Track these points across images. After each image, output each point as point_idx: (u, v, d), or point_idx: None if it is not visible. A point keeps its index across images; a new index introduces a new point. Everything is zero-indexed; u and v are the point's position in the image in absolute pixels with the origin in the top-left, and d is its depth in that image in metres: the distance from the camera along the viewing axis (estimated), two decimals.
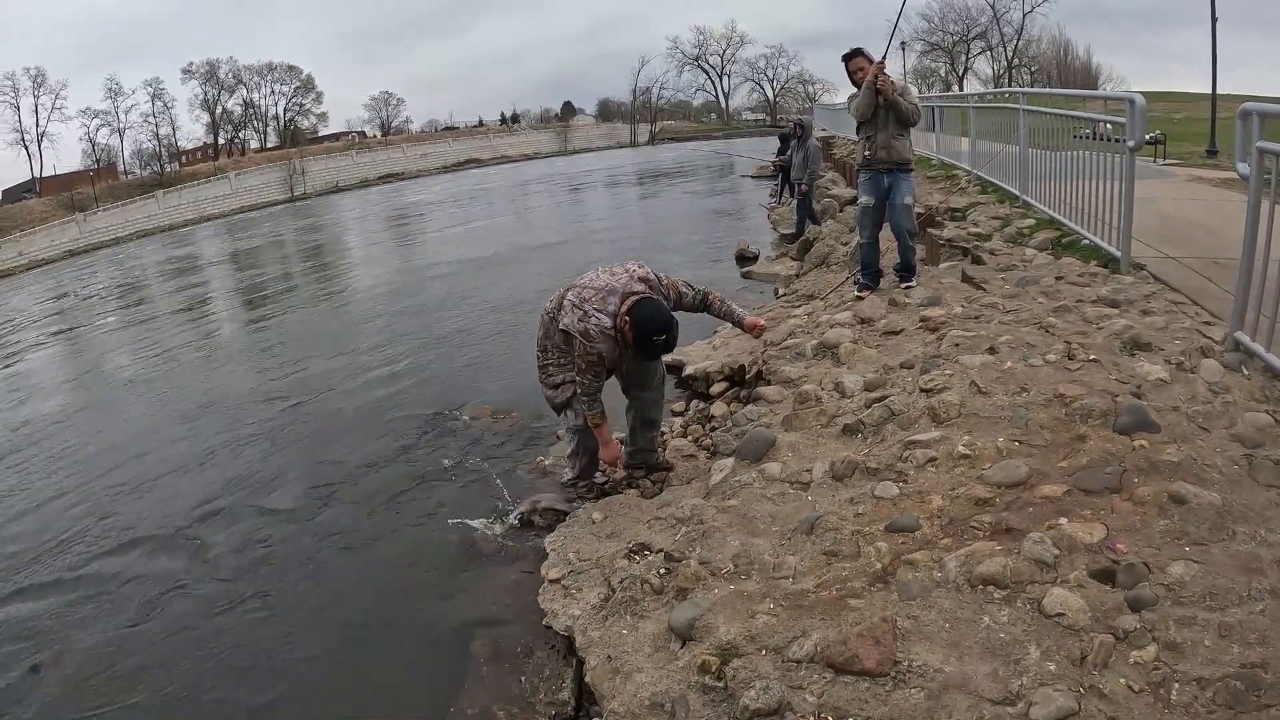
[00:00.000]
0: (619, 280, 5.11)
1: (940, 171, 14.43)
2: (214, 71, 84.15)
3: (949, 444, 4.26)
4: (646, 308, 4.95)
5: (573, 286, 5.27)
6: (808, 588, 3.59)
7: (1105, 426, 4.11)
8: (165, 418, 10.08)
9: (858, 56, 7.17)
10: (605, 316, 5.00)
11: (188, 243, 41.78)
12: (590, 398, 5.23)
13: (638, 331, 4.91)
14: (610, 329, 5.00)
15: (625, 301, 5.00)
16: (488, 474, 6.85)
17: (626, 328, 4.95)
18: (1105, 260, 7.20)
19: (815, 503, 4.32)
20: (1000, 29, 77.56)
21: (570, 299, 5.16)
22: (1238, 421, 4.17)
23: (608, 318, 5.00)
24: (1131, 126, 6.68)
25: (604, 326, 5.00)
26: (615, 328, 5.00)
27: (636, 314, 4.92)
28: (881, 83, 6.95)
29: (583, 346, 5.04)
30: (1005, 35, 77.71)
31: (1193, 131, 22.97)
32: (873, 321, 6.52)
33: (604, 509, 5.37)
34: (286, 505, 6.89)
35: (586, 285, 5.18)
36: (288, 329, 14.68)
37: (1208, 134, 21.04)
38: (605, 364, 5.15)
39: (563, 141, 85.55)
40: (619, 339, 5.03)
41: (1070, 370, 4.70)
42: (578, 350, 5.10)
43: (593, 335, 5.00)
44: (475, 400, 8.72)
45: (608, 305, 5.02)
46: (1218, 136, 20.56)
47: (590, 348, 5.02)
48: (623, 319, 4.96)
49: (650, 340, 4.92)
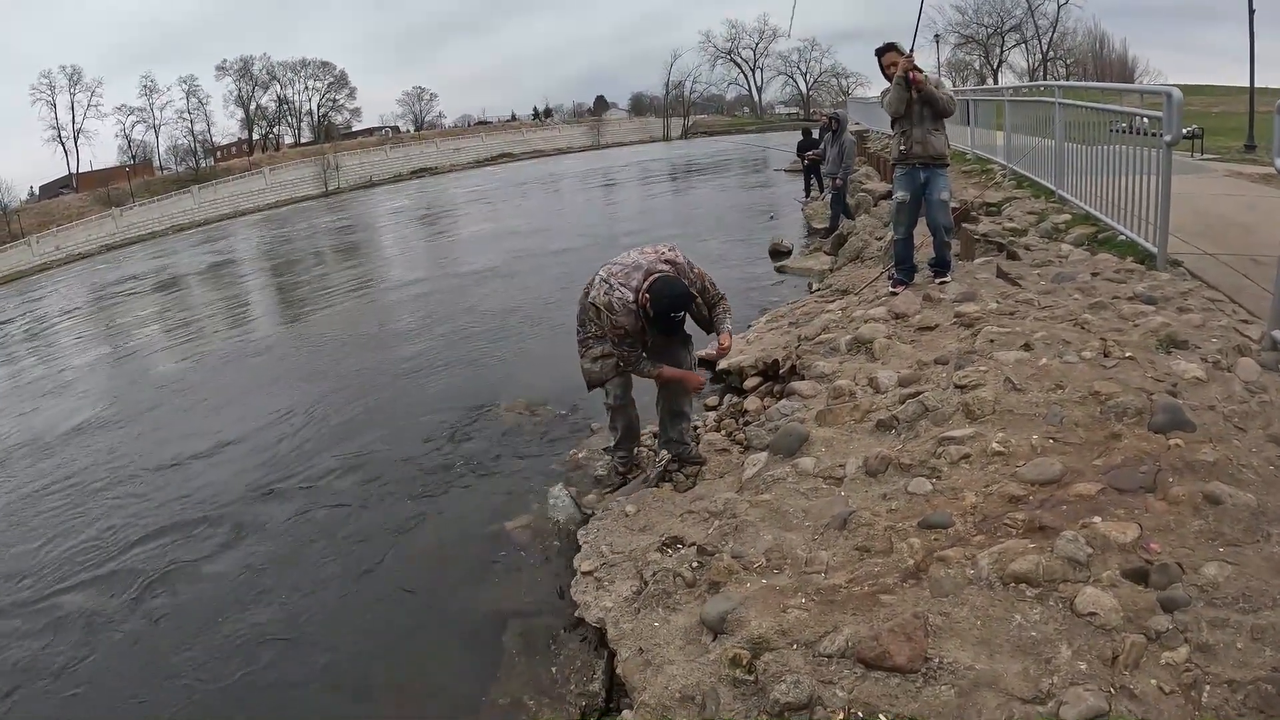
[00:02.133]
0: (646, 258, 5.27)
1: (975, 166, 14.32)
2: (248, 68, 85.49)
3: (983, 441, 4.26)
4: (664, 284, 5.08)
5: (607, 264, 5.42)
6: (840, 583, 3.60)
7: (1140, 425, 4.09)
8: (203, 409, 10.30)
9: (890, 51, 7.11)
10: (628, 291, 5.14)
11: (225, 237, 42.23)
12: (637, 362, 5.39)
13: (656, 307, 5.04)
14: (632, 303, 5.13)
15: (648, 279, 5.13)
16: (523, 468, 6.90)
17: (646, 304, 5.08)
18: (1141, 256, 7.14)
19: (848, 498, 4.33)
20: (1035, 22, 76.84)
21: (601, 274, 5.33)
22: (1274, 422, 4.14)
23: (630, 292, 5.13)
24: (1169, 121, 6.62)
25: (626, 300, 5.13)
26: (637, 303, 5.13)
27: (655, 290, 5.06)
28: (915, 76, 6.89)
29: (609, 320, 5.19)
30: (1040, 28, 76.97)
31: (1230, 126, 22.68)
32: (907, 317, 6.51)
33: (637, 502, 5.44)
34: (324, 495, 6.99)
35: (616, 263, 5.36)
36: (326, 324, 14.79)
37: (1245, 128, 20.74)
38: (633, 336, 5.27)
39: (595, 136, 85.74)
40: (640, 314, 5.15)
41: (1105, 368, 4.68)
42: (606, 325, 5.24)
43: (615, 308, 5.14)
44: (510, 394, 8.75)
45: (631, 280, 5.17)
46: (1256, 131, 20.27)
47: (616, 320, 5.16)
48: (643, 295, 5.10)
49: (667, 316, 5.06)
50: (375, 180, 69.66)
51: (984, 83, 70.92)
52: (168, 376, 12.64)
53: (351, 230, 35.00)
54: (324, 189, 66.54)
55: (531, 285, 14.89)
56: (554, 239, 20.28)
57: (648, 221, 21.07)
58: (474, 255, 19.88)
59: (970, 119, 15.80)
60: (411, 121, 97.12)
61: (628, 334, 5.22)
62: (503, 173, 59.35)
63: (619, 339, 5.25)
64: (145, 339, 16.70)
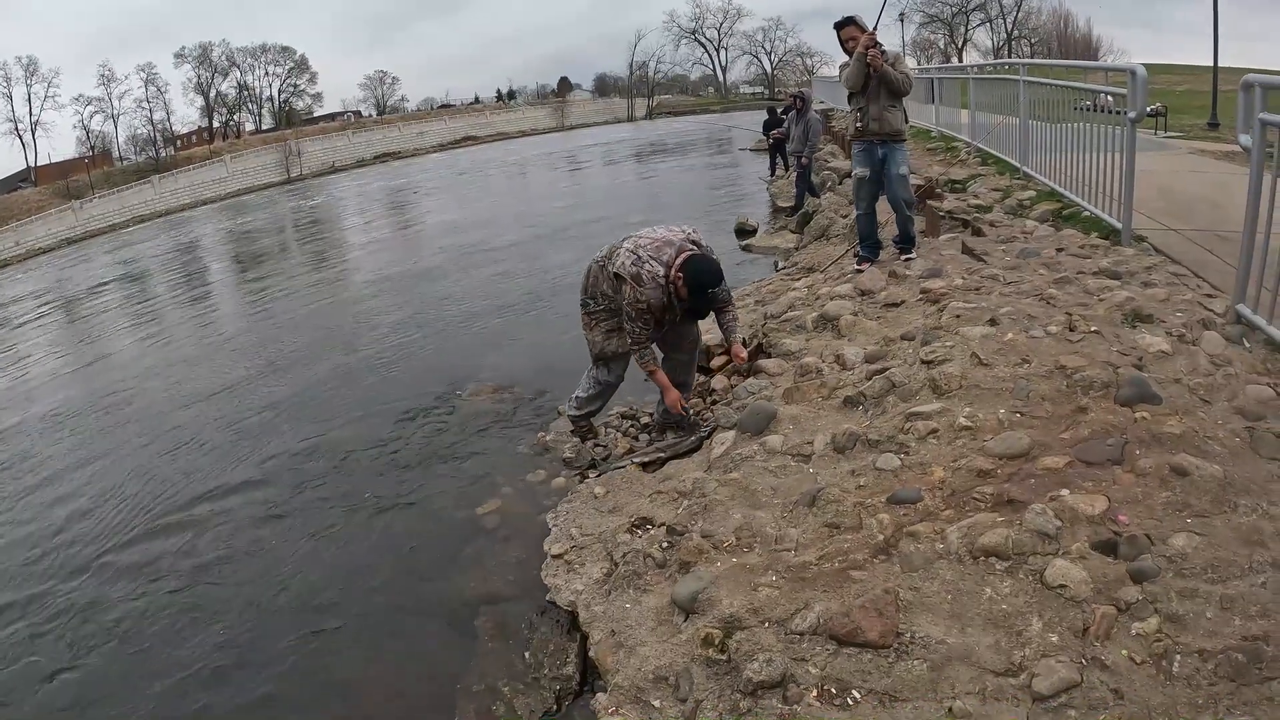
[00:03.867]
0: (675, 236, 5.35)
1: (940, 144, 14.39)
2: (207, 54, 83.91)
3: (950, 416, 4.25)
4: (701, 262, 5.18)
5: (629, 237, 5.45)
6: (810, 560, 3.59)
7: (1107, 398, 4.10)
8: (169, 398, 10.16)
9: (849, 25, 7.05)
10: (659, 265, 5.20)
11: (185, 227, 41.60)
12: (642, 346, 5.40)
13: (692, 283, 5.12)
14: (662, 278, 5.17)
15: (680, 255, 5.19)
16: (491, 453, 6.84)
17: (680, 281, 5.15)
18: (1106, 233, 7.19)
19: (817, 475, 4.32)
20: (1000, 0, 77.05)
21: (626, 246, 5.35)
22: (1239, 394, 4.17)
23: (661, 266, 5.19)
24: (1133, 98, 6.63)
25: (656, 274, 5.19)
26: (667, 278, 5.17)
27: (690, 267, 5.14)
28: (871, 56, 6.84)
29: (633, 293, 5.21)
30: (1005, 6, 77.38)
31: (1194, 104, 22.88)
32: (873, 294, 6.50)
33: (605, 483, 5.43)
34: (289, 482, 6.90)
35: (643, 236, 5.40)
36: (290, 311, 14.63)
37: (1209, 107, 20.92)
38: (653, 313, 5.28)
39: (560, 118, 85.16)
40: (670, 291, 5.20)
41: (1071, 342, 4.69)
42: (627, 297, 5.25)
43: (644, 280, 5.18)
44: (476, 378, 8.69)
45: (662, 255, 5.23)
46: (1219, 109, 20.49)
47: (640, 294, 5.19)
48: (676, 273, 5.17)
49: (705, 292, 5.15)
50: (338, 166, 68.97)
51: (949, 61, 71.26)
52: (121, 370, 12.49)
53: (313, 218, 34.59)
54: (286, 176, 65.80)
55: (495, 274, 14.75)
56: (516, 229, 20.05)
57: (616, 206, 20.88)
58: (437, 245, 19.60)
59: (935, 97, 15.85)
60: (374, 106, 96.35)
61: (649, 309, 5.24)
62: (466, 156, 58.91)
63: (638, 313, 5.26)
64: (103, 332, 16.48)
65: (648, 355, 5.42)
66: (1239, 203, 7.81)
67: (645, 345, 5.40)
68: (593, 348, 5.79)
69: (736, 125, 36.02)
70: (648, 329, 5.33)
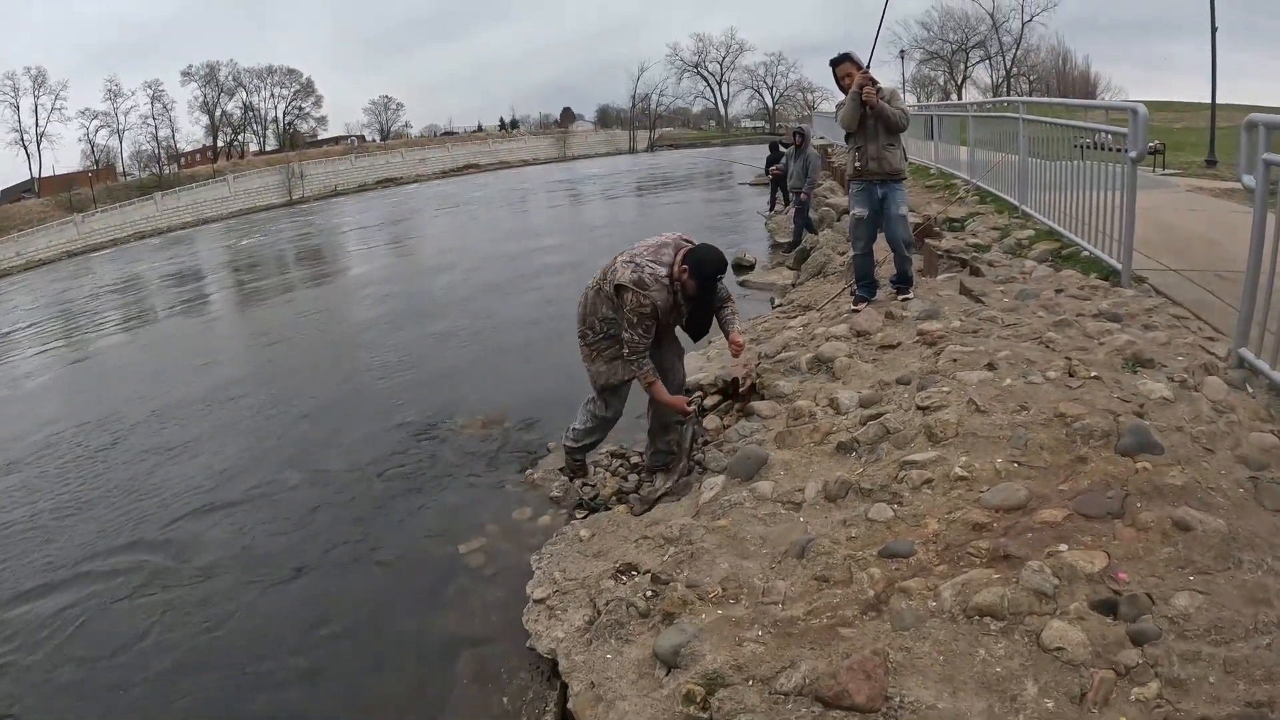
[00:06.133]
0: (669, 238, 5.37)
1: (939, 181, 14.34)
2: (214, 74, 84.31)
3: (946, 465, 4.13)
4: (704, 251, 5.20)
5: (622, 253, 5.41)
6: (798, 615, 3.46)
7: (1107, 448, 3.97)
8: (157, 417, 10.00)
9: (845, 62, 6.96)
10: (660, 266, 5.18)
11: (187, 245, 41.51)
12: (640, 356, 5.25)
13: (698, 273, 5.12)
14: (665, 277, 5.16)
15: (679, 252, 5.22)
16: (477, 489, 6.76)
17: (686, 274, 5.13)
18: (1106, 273, 7.10)
19: (807, 524, 4.19)
20: (999, 38, 78.00)
21: (621, 259, 5.31)
22: (1243, 442, 4.04)
23: (663, 268, 5.18)
24: (1134, 137, 6.56)
25: (658, 275, 5.15)
26: (671, 277, 5.16)
27: (694, 257, 5.15)
28: (866, 94, 6.75)
29: (635, 299, 5.11)
30: (1004, 44, 78.21)
31: (1191, 141, 22.89)
32: (869, 335, 6.38)
33: (591, 526, 5.31)
34: (271, 514, 6.78)
35: (638, 246, 5.41)
36: (278, 337, 14.55)
37: (1207, 144, 20.94)
38: (657, 316, 5.18)
39: (562, 148, 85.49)
40: (675, 289, 5.20)
41: (1071, 388, 4.56)
42: (629, 304, 5.14)
43: (647, 283, 5.12)
44: (465, 411, 8.58)
45: (661, 257, 5.22)
46: (1217, 146, 20.55)
47: (644, 297, 5.10)
48: (679, 268, 5.14)
49: (713, 279, 5.18)
50: (340, 190, 69.17)
51: (948, 98, 71.82)
52: (119, 384, 12.36)
53: (314, 241, 34.51)
54: (288, 198, 65.88)
55: (491, 306, 14.62)
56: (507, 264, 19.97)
57: (617, 236, 20.86)
58: (436, 276, 19.46)
59: (934, 134, 15.82)
60: (378, 131, 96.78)
61: (653, 313, 5.14)
62: (468, 184, 59.02)
63: (639, 318, 5.13)
64: (101, 347, 16.33)
65: (647, 366, 5.28)
66: (1238, 241, 7.76)
67: (644, 355, 5.26)
68: (596, 379, 5.65)
69: (737, 159, 35.98)
70: (648, 336, 5.20)
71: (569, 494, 6.19)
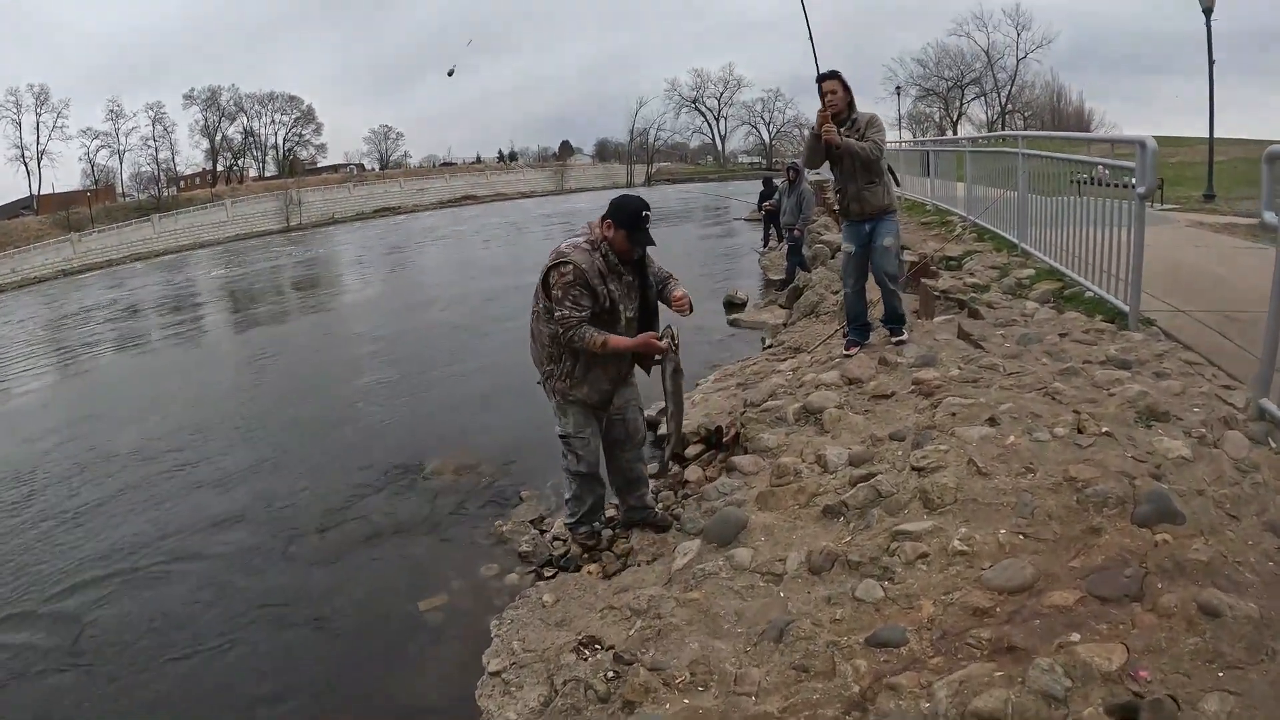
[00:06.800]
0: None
1: (935, 217, 14.05)
2: (215, 98, 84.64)
3: (943, 536, 3.70)
4: (618, 199, 4.80)
5: None
6: (772, 710, 3.05)
7: (1123, 516, 3.57)
8: (114, 455, 9.50)
9: (832, 79, 6.56)
10: (579, 238, 4.79)
11: (171, 271, 41.13)
12: (575, 328, 4.71)
13: (621, 217, 4.69)
14: (585, 242, 4.75)
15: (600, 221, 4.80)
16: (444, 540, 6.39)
17: (609, 229, 4.71)
18: (1111, 315, 6.73)
19: (788, 601, 3.76)
20: (994, 74, 78.70)
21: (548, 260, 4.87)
22: (1270, 506, 3.70)
23: (582, 239, 4.77)
24: (1142, 171, 6.21)
25: (577, 243, 4.75)
26: (592, 242, 4.75)
27: (612, 206, 4.75)
28: (826, 133, 6.36)
29: (556, 272, 4.70)
30: (999, 81, 78.96)
31: (1188, 175, 22.84)
32: (861, 383, 5.98)
33: (556, 590, 4.92)
34: (225, 561, 6.40)
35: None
36: (257, 365, 14.21)
37: (1204, 178, 20.86)
38: (587, 282, 4.68)
39: (559, 181, 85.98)
40: (603, 250, 4.74)
41: (1081, 447, 4.15)
42: (553, 282, 4.71)
43: (564, 251, 4.72)
44: (439, 452, 8.19)
45: (579, 233, 4.85)
46: (1215, 180, 20.61)
47: (563, 264, 4.67)
48: (603, 228, 4.74)
49: (640, 216, 4.69)
50: (338, 217, 69.38)
51: (944, 134, 72.42)
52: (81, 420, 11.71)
53: (310, 269, 34.22)
54: (286, 224, 66.13)
55: (471, 344, 14.20)
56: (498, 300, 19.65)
57: None
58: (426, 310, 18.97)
59: (930, 170, 15.57)
60: (377, 160, 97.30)
61: (578, 279, 4.66)
62: (465, 215, 59.06)
63: (565, 289, 4.67)
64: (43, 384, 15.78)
65: (587, 331, 4.70)
66: (1246, 278, 7.49)
67: (582, 323, 4.71)
68: (562, 431, 5.19)
69: (733, 195, 35.92)
70: (579, 306, 4.68)
71: (538, 549, 5.78)
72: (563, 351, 4.90)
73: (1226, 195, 19.52)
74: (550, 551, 5.69)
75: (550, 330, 4.87)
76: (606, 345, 4.72)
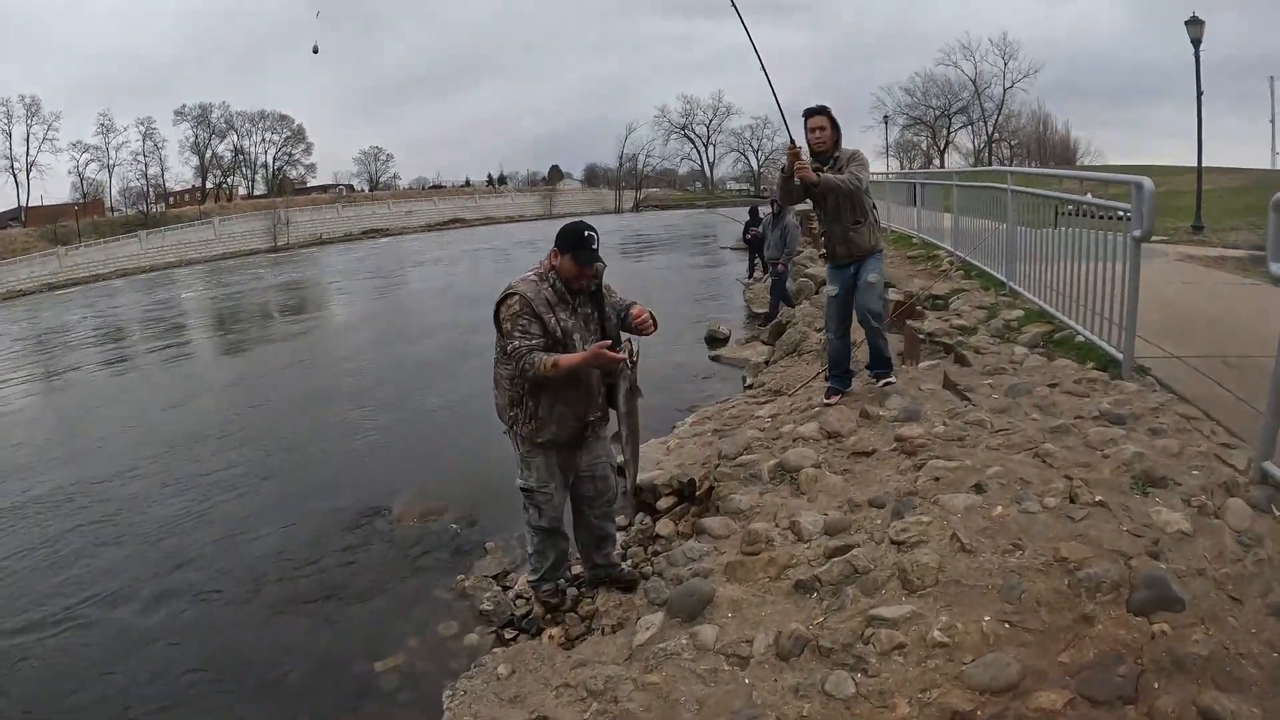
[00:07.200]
0: None
1: (922, 251, 13.83)
2: (206, 115, 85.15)
3: (922, 624, 3.39)
4: (563, 225, 4.68)
5: None
6: None
7: (1117, 603, 3.31)
8: (44, 499, 8.96)
9: (818, 114, 6.27)
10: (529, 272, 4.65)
11: (148, 292, 40.59)
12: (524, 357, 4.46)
13: (565, 241, 4.55)
14: (533, 276, 4.60)
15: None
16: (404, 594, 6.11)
17: (555, 256, 4.58)
18: (1104, 362, 6.43)
19: (753, 690, 3.43)
20: (981, 104, 79.65)
21: None
22: (1274, 587, 3.42)
23: (532, 271, 4.63)
24: (1139, 214, 5.90)
25: (526, 276, 4.61)
26: (539, 273, 4.60)
27: (559, 232, 4.62)
28: (799, 171, 6.06)
29: (505, 306, 4.54)
30: (986, 110, 79.89)
31: (1176, 205, 22.70)
32: (841, 437, 5.68)
33: (512, 661, 4.61)
34: (166, 615, 6.07)
35: None
36: (222, 396, 13.88)
37: (1192, 209, 20.74)
38: (534, 312, 4.48)
39: (548, 205, 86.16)
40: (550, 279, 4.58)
41: (1073, 519, 3.86)
42: (503, 315, 4.55)
43: (513, 285, 4.57)
44: (406, 495, 7.91)
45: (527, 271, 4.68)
46: (1204, 212, 20.69)
47: (510, 297, 4.52)
48: (551, 254, 4.61)
49: (581, 236, 4.53)
50: (325, 238, 69.40)
51: (931, 162, 73.04)
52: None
53: (296, 292, 33.86)
54: (273, 244, 66.19)
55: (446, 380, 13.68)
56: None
57: None
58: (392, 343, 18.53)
59: (918, 201, 15.39)
60: (366, 181, 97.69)
61: (524, 308, 4.47)
62: (453, 238, 58.98)
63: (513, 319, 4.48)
64: None
65: (537, 357, 4.44)
66: (1241, 318, 7.26)
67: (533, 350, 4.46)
68: (523, 484, 4.92)
69: (721, 223, 35.90)
70: (527, 336, 4.46)
71: (500, 607, 5.52)
72: (523, 393, 4.67)
73: (1215, 226, 19.42)
74: (512, 610, 5.46)
75: (509, 371, 4.65)
76: (558, 365, 4.46)
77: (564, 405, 4.68)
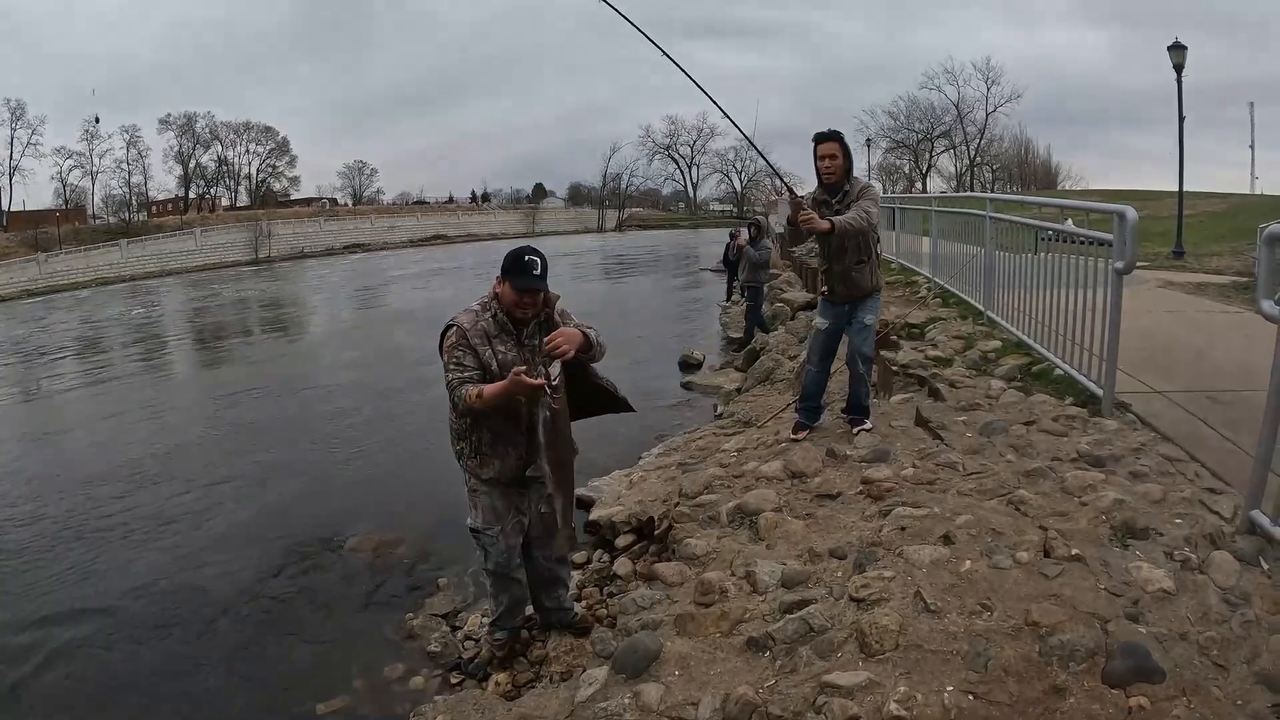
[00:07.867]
0: None
1: (900, 277, 13.67)
2: (191, 125, 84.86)
3: (879, 694, 3.09)
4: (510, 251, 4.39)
5: None
6: None
7: (1092, 673, 3.06)
8: None
9: (830, 141, 5.91)
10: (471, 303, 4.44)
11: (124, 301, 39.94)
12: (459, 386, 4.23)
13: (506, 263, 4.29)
14: (476, 306, 4.39)
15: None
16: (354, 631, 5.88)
17: (498, 284, 4.33)
18: (1083, 398, 6.21)
19: None
20: (964, 128, 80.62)
21: None
22: (1261, 651, 3.18)
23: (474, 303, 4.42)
24: (1121, 245, 5.67)
25: (469, 306, 4.41)
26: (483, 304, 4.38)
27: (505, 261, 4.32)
28: (804, 221, 5.71)
29: (444, 338, 4.36)
30: (969, 134, 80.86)
31: (1156, 230, 22.61)
32: (805, 478, 5.43)
33: (451, 711, 4.32)
34: (110, 642, 5.86)
35: None
36: (179, 417, 13.38)
37: (1173, 234, 20.71)
38: (469, 343, 4.27)
39: (530, 224, 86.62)
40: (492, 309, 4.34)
41: (1047, 577, 3.60)
42: (443, 348, 4.35)
43: (453, 317, 4.38)
44: (364, 523, 7.67)
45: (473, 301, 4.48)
46: (1184, 237, 20.59)
47: (449, 329, 4.34)
48: (495, 284, 4.37)
49: (522, 261, 4.26)
50: (308, 252, 69.33)
51: (913, 185, 73.68)
52: None
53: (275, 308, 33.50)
54: (255, 256, 65.97)
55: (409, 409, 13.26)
56: None
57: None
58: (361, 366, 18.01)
59: (895, 224, 15.28)
60: (350, 195, 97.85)
61: (462, 338, 4.26)
62: (434, 254, 58.78)
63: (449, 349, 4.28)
64: None
65: (467, 389, 4.20)
66: (1224, 350, 7.06)
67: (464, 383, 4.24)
68: (473, 526, 4.69)
69: (703, 243, 35.92)
70: (461, 367, 4.25)
71: (448, 649, 5.35)
72: (467, 427, 4.48)
73: (1196, 251, 19.40)
74: (460, 653, 5.29)
75: (456, 418, 4.50)
76: (482, 396, 4.20)
77: (504, 442, 4.45)
